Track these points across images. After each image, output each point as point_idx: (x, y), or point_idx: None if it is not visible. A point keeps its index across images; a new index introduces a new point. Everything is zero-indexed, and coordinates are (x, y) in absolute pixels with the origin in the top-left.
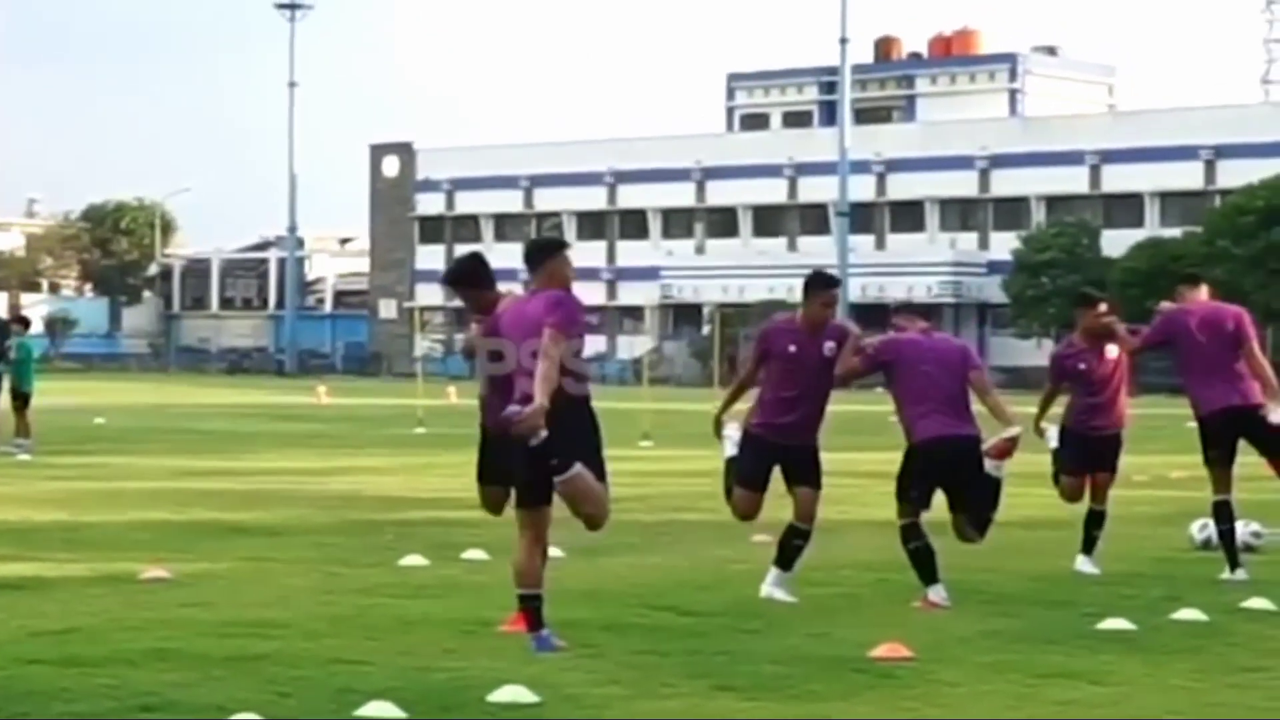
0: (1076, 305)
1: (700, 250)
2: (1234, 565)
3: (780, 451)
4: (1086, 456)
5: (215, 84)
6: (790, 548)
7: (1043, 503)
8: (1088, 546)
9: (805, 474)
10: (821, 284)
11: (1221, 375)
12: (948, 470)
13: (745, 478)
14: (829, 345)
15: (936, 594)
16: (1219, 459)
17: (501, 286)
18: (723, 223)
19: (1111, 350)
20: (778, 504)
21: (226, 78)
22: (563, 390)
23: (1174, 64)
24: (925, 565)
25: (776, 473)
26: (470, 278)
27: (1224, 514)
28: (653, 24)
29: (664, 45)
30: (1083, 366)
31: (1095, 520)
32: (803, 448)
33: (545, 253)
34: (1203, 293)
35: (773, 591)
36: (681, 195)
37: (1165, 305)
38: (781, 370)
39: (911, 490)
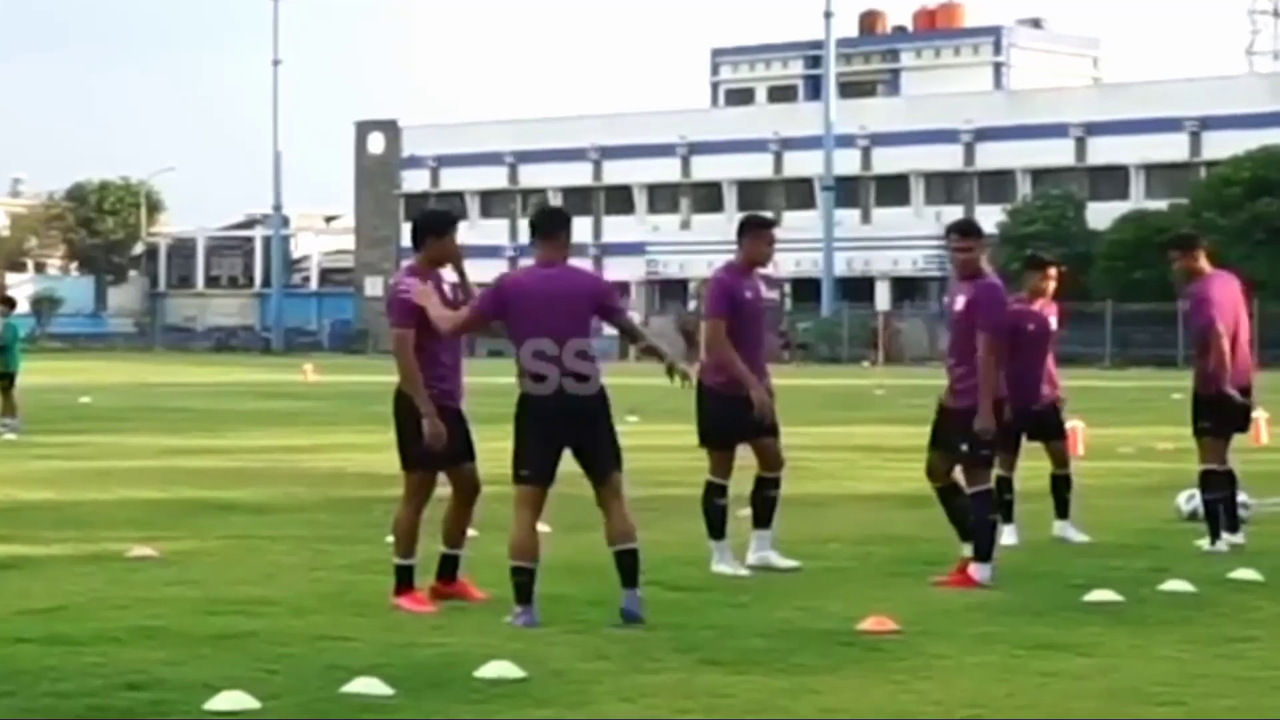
0: (1028, 268)
1: (686, 225)
2: (1215, 537)
3: (742, 402)
4: (1023, 427)
5: (200, 62)
6: (766, 500)
7: (1026, 475)
8: (1062, 510)
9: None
10: (764, 224)
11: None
12: None
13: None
14: (762, 287)
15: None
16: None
17: (487, 263)
18: (708, 198)
19: (1053, 320)
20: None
21: (211, 56)
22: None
23: (1159, 36)
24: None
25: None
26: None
27: (1221, 483)
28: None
29: (648, 21)
30: (1031, 327)
31: (1063, 483)
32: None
33: (563, 223)
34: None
35: (767, 556)
36: (667, 170)
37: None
38: (743, 318)
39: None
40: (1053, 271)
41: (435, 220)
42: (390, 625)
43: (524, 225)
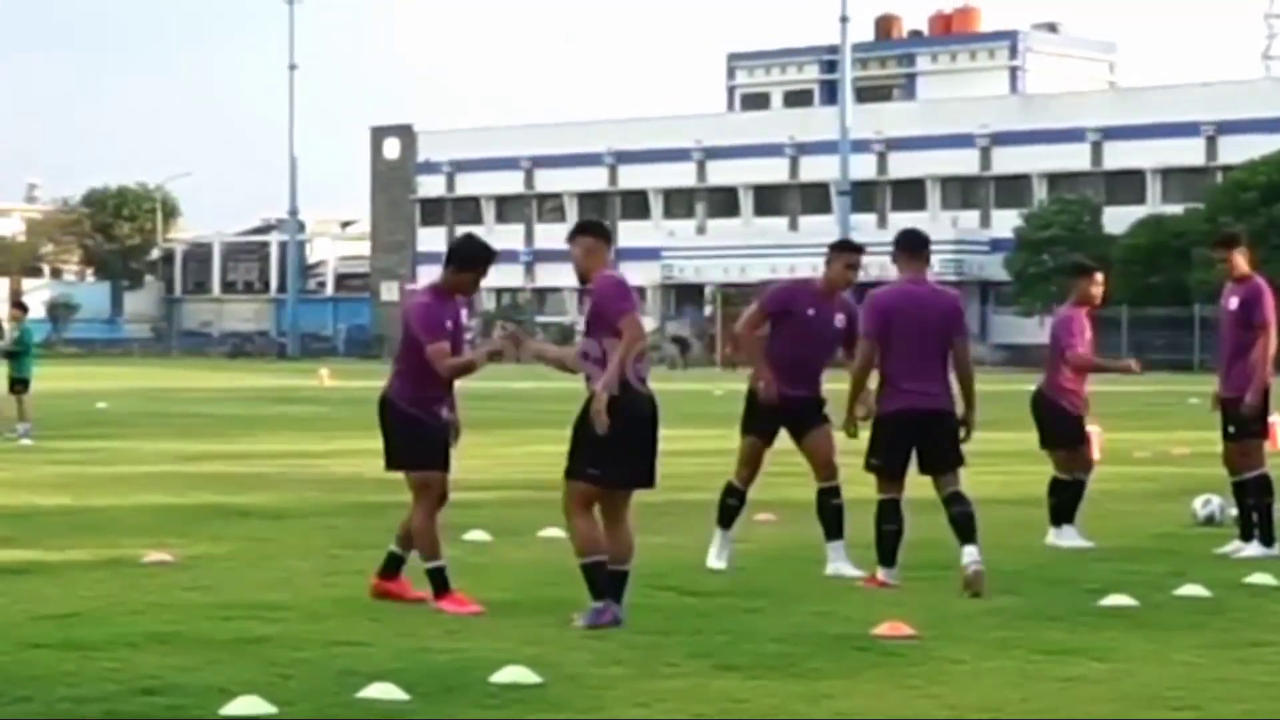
0: (1074, 275)
1: (701, 230)
2: (1266, 540)
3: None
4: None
5: (216, 68)
6: (831, 510)
7: (1042, 480)
8: (1069, 514)
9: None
10: (850, 248)
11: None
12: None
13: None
14: (840, 317)
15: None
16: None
17: (502, 268)
18: (724, 203)
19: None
20: (778, 485)
21: (227, 61)
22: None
23: (1175, 40)
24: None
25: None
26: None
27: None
28: (653, 4)
29: (664, 25)
30: (1089, 335)
31: (1078, 489)
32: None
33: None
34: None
35: (840, 568)
36: (682, 175)
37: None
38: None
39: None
40: (1099, 277)
41: (470, 251)
42: (405, 630)
43: (540, 230)
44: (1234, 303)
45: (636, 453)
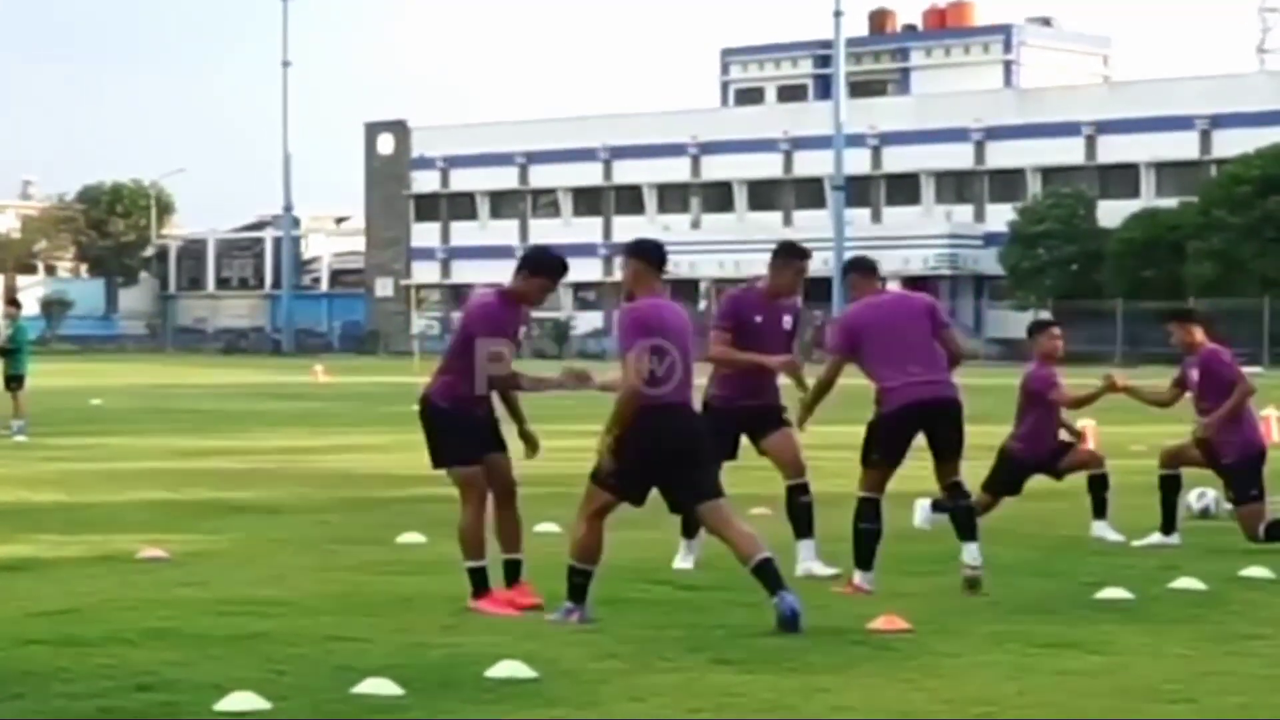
0: (1032, 333)
1: (696, 225)
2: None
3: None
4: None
5: (210, 64)
6: (800, 508)
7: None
8: (1099, 509)
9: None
10: (801, 254)
11: None
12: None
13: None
14: (786, 319)
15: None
16: None
17: (498, 264)
18: (718, 198)
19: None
20: (773, 480)
21: (221, 58)
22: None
23: (1169, 34)
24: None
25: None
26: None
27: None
28: None
29: (658, 20)
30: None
31: (1099, 483)
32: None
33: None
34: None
35: (810, 567)
36: (677, 170)
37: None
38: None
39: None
40: (1057, 330)
41: (543, 258)
42: (401, 626)
43: (534, 225)
44: (1194, 375)
45: (659, 470)
